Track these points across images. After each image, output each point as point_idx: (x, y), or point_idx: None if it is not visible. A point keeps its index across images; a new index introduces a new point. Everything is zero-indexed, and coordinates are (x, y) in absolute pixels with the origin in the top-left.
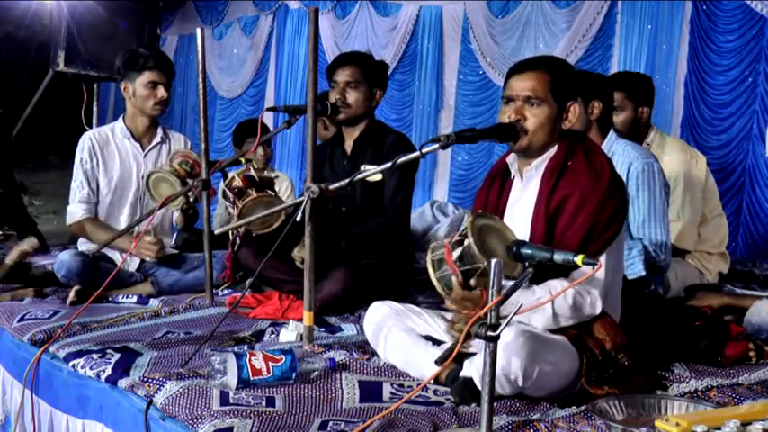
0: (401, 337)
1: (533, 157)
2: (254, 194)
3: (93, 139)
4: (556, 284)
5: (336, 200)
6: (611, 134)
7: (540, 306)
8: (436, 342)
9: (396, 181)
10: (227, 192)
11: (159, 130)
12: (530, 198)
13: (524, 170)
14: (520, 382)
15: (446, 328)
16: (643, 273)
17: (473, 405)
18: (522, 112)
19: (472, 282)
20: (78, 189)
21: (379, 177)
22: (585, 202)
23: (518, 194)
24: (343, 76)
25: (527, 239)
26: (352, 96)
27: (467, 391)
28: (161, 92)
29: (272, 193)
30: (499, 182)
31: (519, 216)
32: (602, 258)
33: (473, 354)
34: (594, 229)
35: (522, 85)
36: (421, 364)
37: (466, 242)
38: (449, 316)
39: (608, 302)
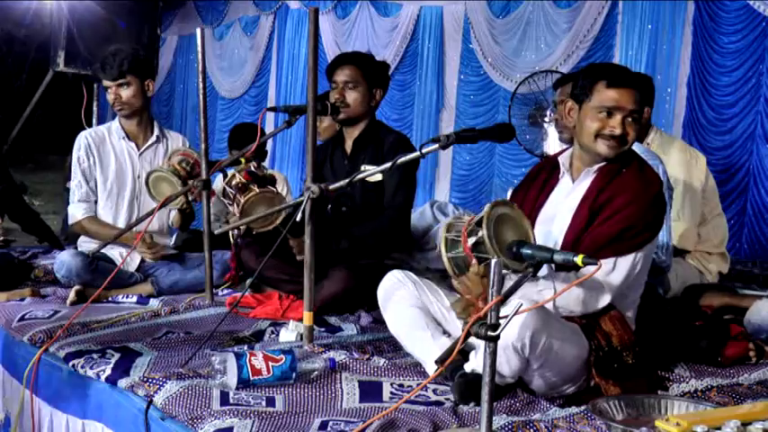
0: (409, 310)
1: (595, 159)
2: (256, 190)
3: (88, 138)
4: (561, 277)
5: (337, 200)
6: None
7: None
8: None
9: (396, 181)
10: (228, 189)
11: (155, 130)
12: (578, 194)
13: (582, 170)
14: (527, 351)
15: (451, 307)
16: None
17: (471, 404)
18: (626, 125)
19: (481, 269)
20: (77, 188)
21: (379, 178)
22: (633, 201)
23: (566, 191)
24: (342, 76)
25: (564, 231)
26: (351, 96)
27: (468, 389)
28: (111, 94)
29: (274, 190)
30: (544, 177)
31: (563, 210)
32: (630, 258)
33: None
34: (631, 229)
35: (631, 99)
36: (422, 346)
37: (480, 233)
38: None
39: (623, 304)
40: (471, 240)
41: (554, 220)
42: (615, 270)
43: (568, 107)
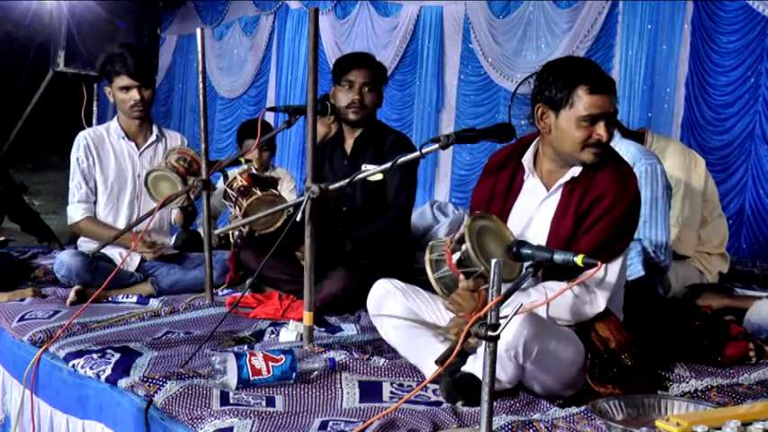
0: (403, 321)
1: (565, 166)
2: (258, 193)
3: (87, 138)
4: (552, 286)
5: (337, 200)
6: (615, 134)
7: (536, 308)
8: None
9: (398, 181)
10: (229, 191)
11: (154, 129)
12: (555, 200)
13: (555, 175)
14: (521, 359)
15: (443, 332)
16: (642, 273)
17: (459, 404)
18: (608, 129)
19: (470, 283)
20: (77, 189)
21: (379, 177)
22: (616, 203)
23: (539, 197)
24: (360, 77)
25: (545, 240)
26: (369, 98)
27: (455, 388)
28: (133, 95)
29: (276, 193)
30: (507, 180)
31: (539, 217)
32: (619, 261)
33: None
34: (618, 233)
35: (609, 103)
36: (420, 352)
37: (464, 247)
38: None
39: (612, 304)
40: (455, 256)
41: (529, 228)
42: (607, 277)
43: (541, 112)
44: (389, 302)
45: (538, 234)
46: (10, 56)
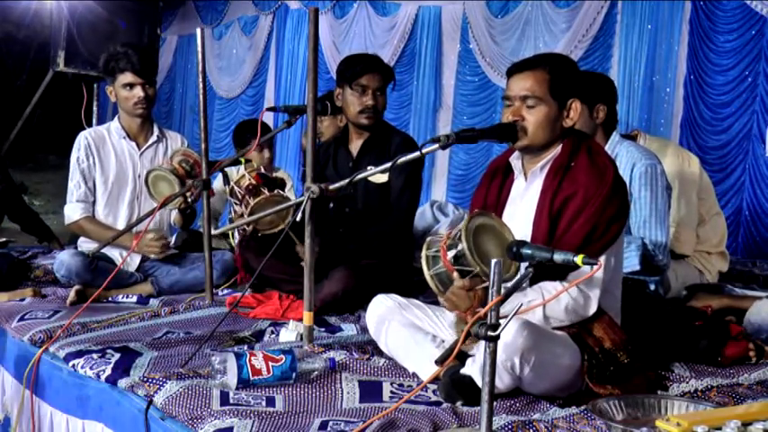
0: (402, 331)
1: (537, 155)
2: (266, 193)
3: (88, 138)
4: (548, 286)
5: (340, 201)
6: (615, 135)
7: (533, 309)
8: (437, 338)
9: (402, 182)
10: (236, 189)
11: (155, 129)
12: (532, 197)
13: (529, 170)
14: (517, 370)
15: (454, 326)
16: (637, 267)
17: (458, 403)
18: (520, 112)
19: (465, 282)
20: (75, 188)
21: (384, 179)
22: (589, 201)
23: (520, 193)
24: (374, 81)
25: (528, 238)
26: (381, 102)
27: (454, 388)
28: (137, 92)
29: (284, 194)
30: (500, 180)
31: (521, 215)
32: (602, 259)
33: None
34: (596, 230)
35: (520, 86)
36: (421, 359)
37: (460, 246)
38: (450, 314)
39: (607, 302)
40: (451, 254)
41: (514, 223)
42: (594, 275)
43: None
44: (389, 318)
45: (522, 228)
46: (10, 56)
